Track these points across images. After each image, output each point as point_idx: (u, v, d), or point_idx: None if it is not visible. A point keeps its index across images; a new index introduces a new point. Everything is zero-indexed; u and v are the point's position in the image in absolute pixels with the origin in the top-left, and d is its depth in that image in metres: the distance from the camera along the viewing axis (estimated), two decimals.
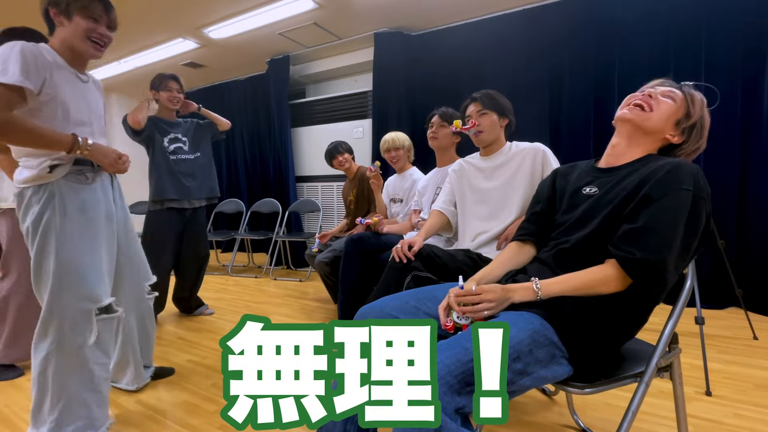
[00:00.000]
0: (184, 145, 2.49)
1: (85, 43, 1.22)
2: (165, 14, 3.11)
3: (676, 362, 0.92)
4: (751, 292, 2.34)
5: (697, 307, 1.63)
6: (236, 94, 4.68)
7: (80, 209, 1.22)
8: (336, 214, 4.11)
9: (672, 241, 0.81)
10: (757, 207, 2.39)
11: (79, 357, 1.20)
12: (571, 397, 1.37)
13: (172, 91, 2.37)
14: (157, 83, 2.36)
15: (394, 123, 3.39)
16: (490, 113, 1.56)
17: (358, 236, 1.97)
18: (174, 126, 2.47)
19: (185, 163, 2.46)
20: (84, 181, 1.25)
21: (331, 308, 2.64)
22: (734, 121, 2.40)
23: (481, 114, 1.56)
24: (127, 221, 1.47)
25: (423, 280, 1.28)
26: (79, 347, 1.19)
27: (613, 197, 0.91)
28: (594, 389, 0.84)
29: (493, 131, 1.57)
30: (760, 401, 1.43)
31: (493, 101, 1.57)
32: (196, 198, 2.47)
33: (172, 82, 2.37)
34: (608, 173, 0.98)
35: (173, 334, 2.24)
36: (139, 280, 1.53)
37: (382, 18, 3.25)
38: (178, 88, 2.39)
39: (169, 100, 2.37)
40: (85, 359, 1.21)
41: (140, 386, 1.58)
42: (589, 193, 0.98)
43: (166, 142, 2.41)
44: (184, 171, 2.43)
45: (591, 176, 1.02)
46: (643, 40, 2.58)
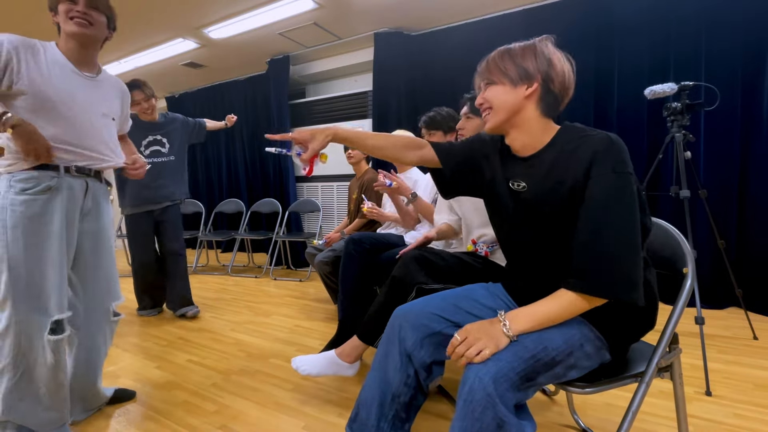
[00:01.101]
0: (163, 147, 2.50)
1: (68, 24, 1.21)
2: (165, 14, 3.11)
3: (677, 362, 0.92)
4: (751, 292, 2.34)
5: (697, 307, 1.63)
6: (236, 94, 4.68)
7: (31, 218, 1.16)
8: (336, 214, 4.11)
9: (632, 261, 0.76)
10: (757, 207, 2.39)
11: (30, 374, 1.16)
12: (571, 397, 1.37)
13: (140, 104, 2.38)
14: None
15: (394, 123, 3.39)
16: (475, 118, 1.51)
17: (358, 236, 1.97)
18: (155, 127, 2.48)
19: (161, 166, 2.47)
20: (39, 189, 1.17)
21: (331, 308, 2.64)
22: (734, 121, 2.40)
23: (468, 118, 1.53)
24: (99, 234, 1.35)
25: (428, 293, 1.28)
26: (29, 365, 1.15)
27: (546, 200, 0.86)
28: (594, 389, 0.84)
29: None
30: (760, 401, 1.43)
31: None
32: (162, 200, 2.49)
33: (136, 93, 2.33)
34: (528, 163, 0.92)
35: (173, 334, 2.24)
36: (103, 299, 1.37)
37: (382, 18, 3.25)
38: (143, 98, 2.38)
39: (141, 112, 2.40)
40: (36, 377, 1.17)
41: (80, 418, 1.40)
42: (518, 189, 0.93)
43: (142, 146, 2.43)
44: (154, 174, 2.39)
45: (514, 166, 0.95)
46: (643, 40, 2.58)
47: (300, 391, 1.57)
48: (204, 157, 5.11)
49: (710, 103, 1.98)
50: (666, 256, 0.98)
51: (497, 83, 0.92)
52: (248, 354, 1.95)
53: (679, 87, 1.85)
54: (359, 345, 1.40)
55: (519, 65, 0.89)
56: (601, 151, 0.79)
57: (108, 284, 1.39)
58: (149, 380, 1.69)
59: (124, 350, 2.03)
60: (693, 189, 1.88)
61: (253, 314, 2.59)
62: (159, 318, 2.54)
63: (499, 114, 0.91)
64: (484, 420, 0.70)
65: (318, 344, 2.04)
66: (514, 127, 0.92)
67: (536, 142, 0.91)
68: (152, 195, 2.44)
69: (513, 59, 0.90)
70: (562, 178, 0.83)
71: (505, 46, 0.94)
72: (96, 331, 1.37)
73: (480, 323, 0.81)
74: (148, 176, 2.34)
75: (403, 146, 1.07)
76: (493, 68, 0.93)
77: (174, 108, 5.35)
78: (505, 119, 0.91)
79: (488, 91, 0.93)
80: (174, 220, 2.57)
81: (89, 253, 1.33)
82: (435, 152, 1.07)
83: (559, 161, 0.85)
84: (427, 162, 1.09)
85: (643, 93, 1.94)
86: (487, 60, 0.95)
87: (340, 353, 1.42)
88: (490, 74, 0.93)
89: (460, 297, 1.03)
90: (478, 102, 0.95)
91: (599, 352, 0.85)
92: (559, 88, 0.89)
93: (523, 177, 0.92)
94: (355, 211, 2.75)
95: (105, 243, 1.37)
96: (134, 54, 3.87)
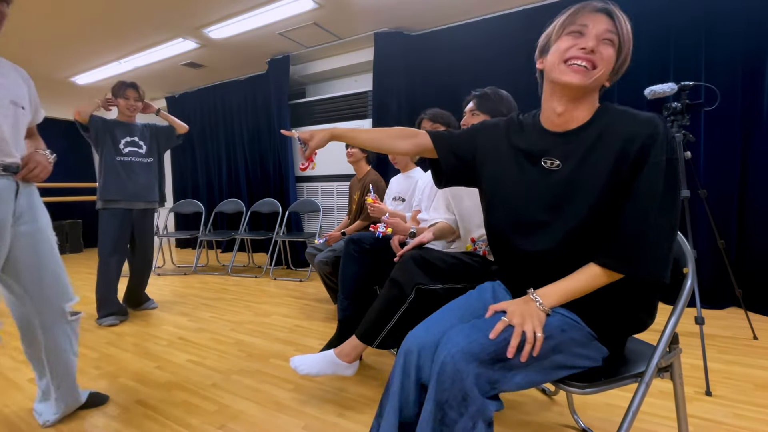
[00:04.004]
0: (140, 148, 2.57)
1: None
2: (165, 14, 3.11)
3: (677, 362, 0.91)
4: (751, 292, 2.34)
5: (697, 307, 1.63)
6: (236, 94, 4.68)
7: None
8: (336, 214, 4.11)
9: (670, 244, 0.79)
10: (757, 207, 2.39)
11: None
12: (571, 397, 1.37)
13: (129, 99, 2.48)
14: (116, 90, 2.47)
15: (394, 123, 3.39)
16: (482, 116, 1.48)
17: (358, 236, 1.97)
18: (132, 129, 2.55)
19: (138, 165, 2.54)
20: None
21: (331, 308, 2.64)
22: (734, 121, 2.40)
23: (473, 115, 1.51)
24: (37, 235, 1.29)
25: (427, 293, 1.28)
26: None
27: (589, 178, 0.82)
28: (594, 389, 0.84)
29: None
30: (760, 401, 1.42)
31: (487, 103, 1.48)
32: (143, 200, 2.55)
33: (131, 91, 2.48)
34: (564, 139, 0.87)
35: (173, 334, 2.24)
36: (54, 301, 1.32)
37: (382, 18, 3.25)
38: (135, 97, 2.50)
39: (127, 108, 2.50)
40: None
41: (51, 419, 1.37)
42: (550, 168, 0.87)
43: (122, 144, 2.50)
44: (134, 173, 2.51)
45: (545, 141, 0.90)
46: (642, 39, 2.58)
47: (300, 390, 1.57)
48: (204, 157, 5.11)
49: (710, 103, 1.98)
50: None
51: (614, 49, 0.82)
52: (248, 354, 1.94)
53: (679, 87, 1.85)
54: (358, 345, 1.40)
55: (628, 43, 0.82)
56: (656, 134, 0.77)
57: (57, 285, 1.33)
58: (149, 380, 1.69)
59: (124, 350, 2.03)
60: (693, 189, 1.87)
61: (253, 314, 2.59)
62: (159, 318, 2.54)
63: (597, 80, 0.82)
64: (452, 391, 0.75)
65: (318, 344, 2.04)
66: (580, 98, 0.85)
67: (582, 116, 0.86)
68: (127, 190, 2.47)
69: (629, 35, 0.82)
70: (606, 157, 0.80)
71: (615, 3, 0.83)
72: (58, 334, 1.33)
73: (516, 304, 0.84)
74: (125, 171, 2.48)
75: (397, 136, 1.07)
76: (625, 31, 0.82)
77: (174, 108, 5.35)
78: (590, 88, 0.84)
79: (607, 50, 0.82)
80: (152, 227, 2.69)
81: (29, 257, 1.27)
82: (431, 139, 1.05)
83: (603, 139, 0.82)
84: (423, 151, 1.06)
85: (643, 93, 1.94)
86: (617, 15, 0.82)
87: (339, 353, 1.42)
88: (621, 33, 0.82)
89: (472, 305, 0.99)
90: (591, 46, 0.81)
91: (592, 343, 0.85)
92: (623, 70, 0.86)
93: (557, 155, 0.87)
94: (356, 211, 2.75)
95: (45, 245, 1.31)
96: (134, 54, 3.87)
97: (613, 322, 0.87)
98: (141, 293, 2.72)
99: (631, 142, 0.79)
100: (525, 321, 0.79)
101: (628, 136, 0.79)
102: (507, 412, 1.38)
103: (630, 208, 0.79)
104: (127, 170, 2.49)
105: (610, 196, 0.80)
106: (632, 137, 0.79)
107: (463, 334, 0.79)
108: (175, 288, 3.34)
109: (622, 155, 0.79)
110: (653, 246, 0.78)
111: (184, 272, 3.96)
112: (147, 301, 2.75)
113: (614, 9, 0.82)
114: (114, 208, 2.45)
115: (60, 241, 5.18)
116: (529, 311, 0.81)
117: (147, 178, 2.57)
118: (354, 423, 1.34)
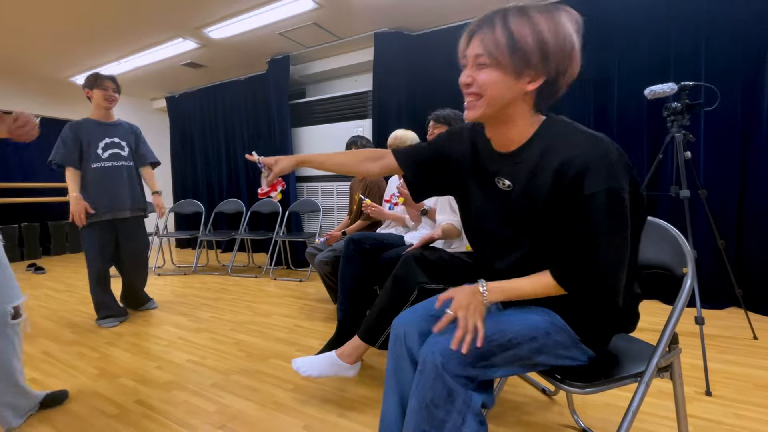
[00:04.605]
0: (122, 150, 2.36)
1: None
2: (165, 14, 3.11)
3: (677, 362, 0.92)
4: (751, 292, 2.34)
5: (697, 307, 1.63)
6: (236, 94, 4.68)
7: None
8: (336, 214, 4.11)
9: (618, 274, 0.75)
10: (757, 207, 2.39)
11: None
12: (571, 397, 1.38)
13: (107, 90, 2.27)
14: (91, 81, 2.27)
15: (394, 123, 3.39)
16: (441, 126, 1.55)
17: (358, 236, 1.97)
18: (112, 128, 2.35)
19: (117, 169, 2.33)
20: None
21: (331, 308, 2.64)
22: (734, 121, 2.40)
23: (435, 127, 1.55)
24: None
25: (430, 293, 1.28)
26: None
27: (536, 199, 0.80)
28: (594, 389, 0.84)
29: None
30: (760, 401, 1.43)
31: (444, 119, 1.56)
32: (127, 209, 2.39)
33: (109, 82, 2.29)
34: (511, 159, 0.84)
35: (173, 334, 2.24)
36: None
37: (382, 18, 3.25)
38: (113, 88, 2.31)
39: (104, 99, 2.27)
40: None
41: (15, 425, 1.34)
42: (504, 188, 0.85)
43: (100, 149, 2.28)
44: (116, 180, 2.32)
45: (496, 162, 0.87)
46: (642, 40, 2.58)
47: (300, 391, 1.57)
48: (204, 157, 5.11)
49: (710, 103, 1.98)
50: (666, 256, 0.98)
51: (495, 68, 0.75)
52: (248, 354, 1.94)
53: (679, 87, 1.85)
54: (360, 345, 1.40)
55: (532, 51, 0.72)
56: (593, 162, 0.72)
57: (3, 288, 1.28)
58: (149, 380, 1.69)
59: (124, 350, 2.03)
60: (693, 189, 1.87)
61: (253, 314, 2.59)
62: (159, 318, 2.54)
63: (489, 107, 0.78)
64: (436, 389, 0.76)
65: (318, 344, 2.04)
66: (501, 122, 0.82)
67: (520, 136, 0.82)
68: (108, 200, 2.30)
69: (525, 41, 0.72)
70: (546, 180, 0.77)
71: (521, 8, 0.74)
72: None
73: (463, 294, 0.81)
74: (107, 180, 2.26)
75: (365, 159, 1.08)
76: (498, 44, 0.73)
77: (174, 108, 5.35)
78: (493, 114, 0.79)
79: (482, 74, 0.76)
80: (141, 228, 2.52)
81: None
82: (394, 157, 1.05)
83: (545, 159, 0.78)
84: (391, 170, 1.07)
85: (643, 93, 1.94)
86: (494, 27, 0.74)
87: (341, 354, 1.42)
88: (490, 51, 0.74)
89: None
90: (464, 81, 0.78)
91: (576, 345, 0.86)
92: (568, 81, 0.78)
93: (508, 175, 0.84)
94: (357, 211, 2.75)
95: None
96: (134, 54, 3.87)
97: (596, 326, 0.87)
98: (139, 295, 2.65)
99: (567, 166, 0.74)
100: (467, 314, 0.78)
101: (564, 159, 0.74)
102: (507, 412, 1.38)
103: (577, 234, 0.75)
104: (107, 177, 2.29)
105: (557, 217, 0.78)
106: (568, 161, 0.74)
107: (446, 334, 0.79)
108: (175, 288, 3.34)
109: (559, 179, 0.75)
110: (599, 278, 0.76)
111: (184, 272, 3.96)
112: (148, 302, 2.70)
113: (477, 26, 0.76)
114: (95, 222, 2.27)
115: (60, 241, 5.24)
116: (474, 303, 0.79)
117: (131, 184, 2.39)
118: (354, 423, 1.34)
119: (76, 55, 3.86)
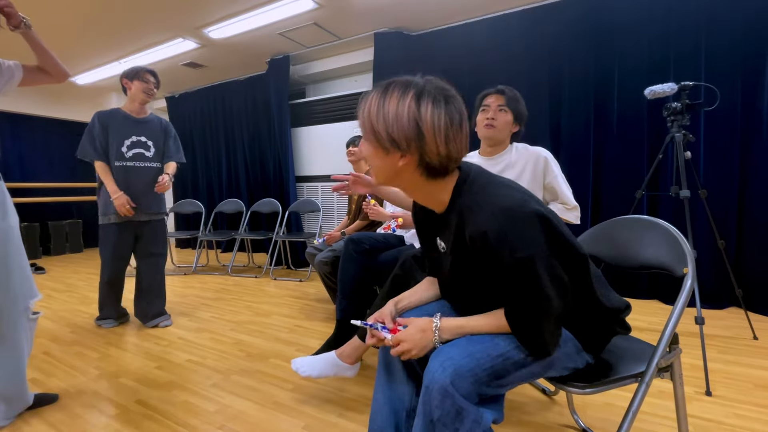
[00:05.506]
0: (147, 151, 2.28)
1: None
2: (165, 14, 3.11)
3: (677, 362, 0.91)
4: (751, 292, 2.34)
5: (697, 307, 1.63)
6: (236, 94, 4.68)
7: None
8: (336, 214, 4.12)
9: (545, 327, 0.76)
10: (757, 207, 2.39)
11: None
12: (571, 397, 1.38)
13: (148, 83, 2.22)
14: (132, 73, 2.22)
15: None
16: (509, 112, 1.54)
17: (357, 236, 1.97)
18: (142, 125, 2.27)
19: (140, 171, 2.25)
20: None
21: (331, 308, 2.64)
22: (734, 121, 2.40)
23: (500, 109, 1.53)
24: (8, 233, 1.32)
25: None
26: None
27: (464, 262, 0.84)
28: (594, 389, 0.84)
29: (504, 131, 1.56)
30: (760, 401, 1.42)
31: (515, 103, 1.54)
32: (145, 212, 2.30)
33: (149, 75, 2.23)
34: (441, 222, 0.87)
35: (173, 334, 2.24)
36: (19, 298, 1.33)
37: (382, 18, 3.25)
38: (154, 83, 2.26)
39: (143, 92, 2.21)
40: None
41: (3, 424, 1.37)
42: (442, 249, 0.89)
43: (125, 146, 2.21)
44: (137, 181, 2.23)
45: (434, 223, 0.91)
46: (642, 39, 2.58)
47: (300, 391, 1.57)
48: (204, 157, 5.11)
49: (710, 103, 1.98)
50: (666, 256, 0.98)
51: (369, 143, 0.80)
52: (248, 354, 1.94)
53: (679, 87, 1.85)
54: (360, 345, 1.40)
55: (389, 130, 0.75)
56: (492, 233, 0.72)
57: (22, 282, 1.34)
58: (149, 380, 1.69)
59: (124, 350, 2.03)
60: (693, 189, 1.88)
61: (253, 314, 2.59)
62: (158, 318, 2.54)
63: (377, 176, 0.83)
64: (444, 407, 0.72)
65: (318, 344, 2.04)
66: (405, 189, 0.84)
67: (437, 202, 0.84)
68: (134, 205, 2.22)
69: (385, 118, 0.75)
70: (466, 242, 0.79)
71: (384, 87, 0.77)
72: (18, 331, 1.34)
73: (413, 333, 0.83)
74: (128, 180, 2.19)
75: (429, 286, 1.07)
76: (366, 122, 0.78)
77: (174, 108, 5.35)
78: (386, 182, 0.82)
79: (364, 146, 0.83)
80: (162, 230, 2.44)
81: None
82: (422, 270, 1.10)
83: (460, 225, 0.80)
84: None
85: (643, 93, 1.94)
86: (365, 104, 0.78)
87: (341, 354, 1.42)
88: (364, 128, 0.79)
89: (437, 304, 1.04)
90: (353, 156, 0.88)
91: (580, 354, 0.86)
92: (438, 161, 0.76)
93: (442, 237, 0.88)
94: (356, 211, 2.75)
95: (12, 242, 1.33)
96: (134, 54, 3.87)
97: (593, 334, 0.87)
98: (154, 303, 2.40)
99: (474, 240, 0.76)
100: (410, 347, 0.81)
101: (471, 233, 0.76)
102: (507, 412, 1.38)
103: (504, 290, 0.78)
104: (129, 178, 2.22)
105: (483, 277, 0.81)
106: (475, 234, 0.75)
107: (459, 348, 0.77)
108: (175, 288, 3.34)
109: (474, 245, 0.76)
110: (528, 332, 0.77)
111: (184, 272, 3.96)
112: (161, 315, 2.40)
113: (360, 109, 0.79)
114: (112, 223, 2.23)
115: (60, 241, 5.24)
116: (423, 342, 0.81)
117: (150, 187, 2.27)
118: (354, 423, 1.34)
119: (76, 54, 3.85)
